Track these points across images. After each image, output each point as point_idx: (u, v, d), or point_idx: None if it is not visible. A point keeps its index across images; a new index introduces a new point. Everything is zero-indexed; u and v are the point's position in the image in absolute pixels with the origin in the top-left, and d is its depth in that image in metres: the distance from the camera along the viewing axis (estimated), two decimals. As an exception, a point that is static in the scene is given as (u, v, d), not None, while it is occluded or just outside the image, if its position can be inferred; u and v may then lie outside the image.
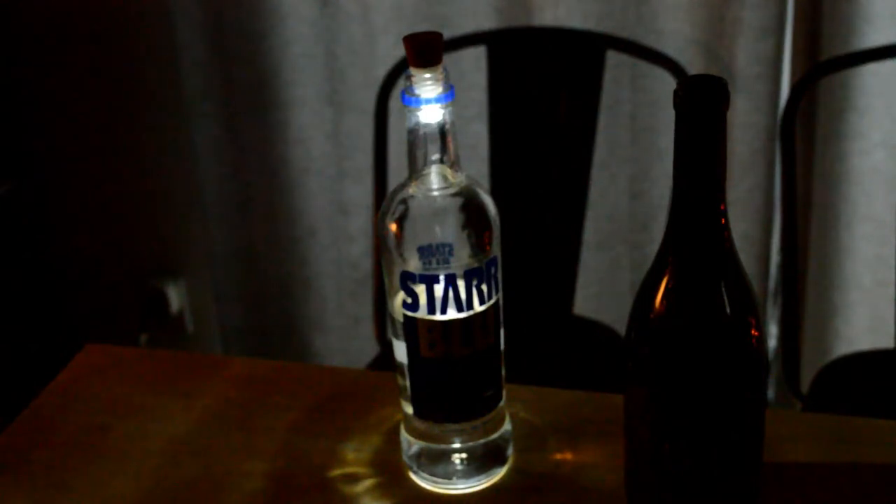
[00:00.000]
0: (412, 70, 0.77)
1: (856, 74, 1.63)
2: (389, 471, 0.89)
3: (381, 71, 1.63)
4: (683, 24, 1.70)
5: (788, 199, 1.50)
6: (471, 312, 0.81)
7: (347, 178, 1.93)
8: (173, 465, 0.92)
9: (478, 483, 0.87)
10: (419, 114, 0.78)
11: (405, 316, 0.82)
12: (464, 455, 0.87)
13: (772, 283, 1.90)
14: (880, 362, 1.57)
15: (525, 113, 1.60)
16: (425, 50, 0.76)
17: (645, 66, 1.66)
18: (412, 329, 0.82)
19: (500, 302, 0.83)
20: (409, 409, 0.86)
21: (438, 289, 0.80)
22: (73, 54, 1.95)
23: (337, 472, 0.90)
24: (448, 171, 0.80)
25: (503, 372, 0.87)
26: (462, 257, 0.80)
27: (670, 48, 1.68)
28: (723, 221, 0.70)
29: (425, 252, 0.80)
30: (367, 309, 1.88)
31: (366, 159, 1.73)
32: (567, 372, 1.49)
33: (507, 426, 0.89)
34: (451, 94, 0.78)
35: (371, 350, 1.78)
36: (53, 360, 1.08)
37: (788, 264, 1.52)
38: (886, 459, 0.88)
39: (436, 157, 0.79)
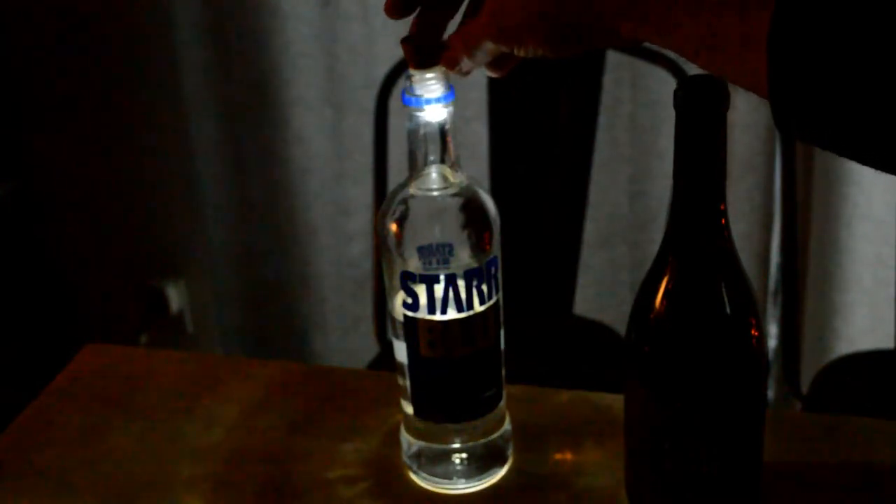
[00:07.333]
0: (412, 70, 0.77)
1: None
2: (389, 471, 0.89)
3: (381, 71, 1.63)
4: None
5: (788, 199, 1.50)
6: (471, 312, 0.81)
7: (347, 178, 1.93)
8: (173, 466, 0.92)
9: (478, 483, 0.87)
10: (419, 114, 0.77)
11: (405, 316, 0.81)
12: (464, 455, 0.87)
13: (772, 283, 1.90)
14: (880, 362, 1.57)
15: (525, 113, 1.60)
16: (424, 51, 0.76)
17: (645, 66, 1.66)
18: (412, 329, 0.82)
19: (500, 302, 0.83)
20: (409, 409, 0.86)
21: (438, 289, 0.80)
22: (73, 54, 1.95)
23: (337, 472, 0.90)
24: (448, 171, 0.80)
25: (503, 372, 0.86)
26: (462, 257, 0.80)
27: (670, 48, 1.68)
28: (723, 221, 0.70)
29: (425, 252, 0.80)
30: (367, 309, 1.88)
31: (366, 159, 1.73)
32: (567, 372, 1.49)
33: (507, 426, 0.89)
34: (451, 94, 0.78)
35: (371, 350, 1.78)
36: (53, 360, 1.08)
37: (788, 264, 1.52)
38: (886, 459, 0.88)
39: (436, 157, 0.79)
